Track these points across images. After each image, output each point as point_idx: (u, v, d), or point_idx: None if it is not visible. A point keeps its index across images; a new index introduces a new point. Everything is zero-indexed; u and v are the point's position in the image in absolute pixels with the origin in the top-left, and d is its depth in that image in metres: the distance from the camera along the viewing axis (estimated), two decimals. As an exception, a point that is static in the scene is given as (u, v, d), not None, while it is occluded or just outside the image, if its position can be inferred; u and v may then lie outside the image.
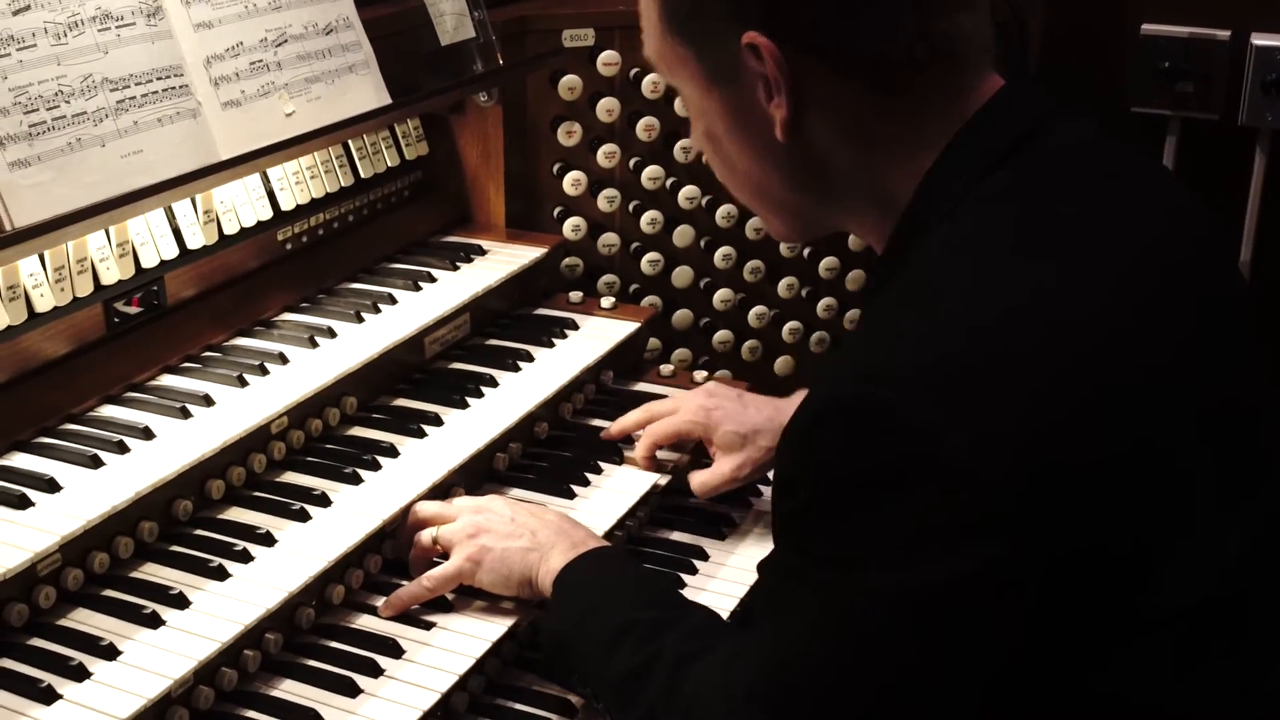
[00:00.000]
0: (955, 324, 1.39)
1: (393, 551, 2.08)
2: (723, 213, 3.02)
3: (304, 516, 2.02)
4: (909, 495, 1.34)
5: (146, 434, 2.02)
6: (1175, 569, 1.38)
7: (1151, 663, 1.40)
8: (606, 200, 2.95)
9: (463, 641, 1.94)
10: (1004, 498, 1.32)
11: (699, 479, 2.32)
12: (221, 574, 1.89)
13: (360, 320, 2.41)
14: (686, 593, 2.12)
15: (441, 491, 2.16)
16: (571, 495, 2.27)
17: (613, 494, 2.30)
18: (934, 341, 1.38)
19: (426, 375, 2.47)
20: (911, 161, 1.52)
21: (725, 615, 2.07)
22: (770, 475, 2.36)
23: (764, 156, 1.57)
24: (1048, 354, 1.37)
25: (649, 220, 2.97)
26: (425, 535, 2.05)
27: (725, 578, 2.24)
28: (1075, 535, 1.34)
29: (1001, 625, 1.36)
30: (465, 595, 2.03)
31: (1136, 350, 1.41)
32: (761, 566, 1.67)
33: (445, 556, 2.03)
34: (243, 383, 2.17)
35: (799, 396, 2.26)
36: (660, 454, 2.37)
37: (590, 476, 2.33)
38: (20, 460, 1.97)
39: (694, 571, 2.24)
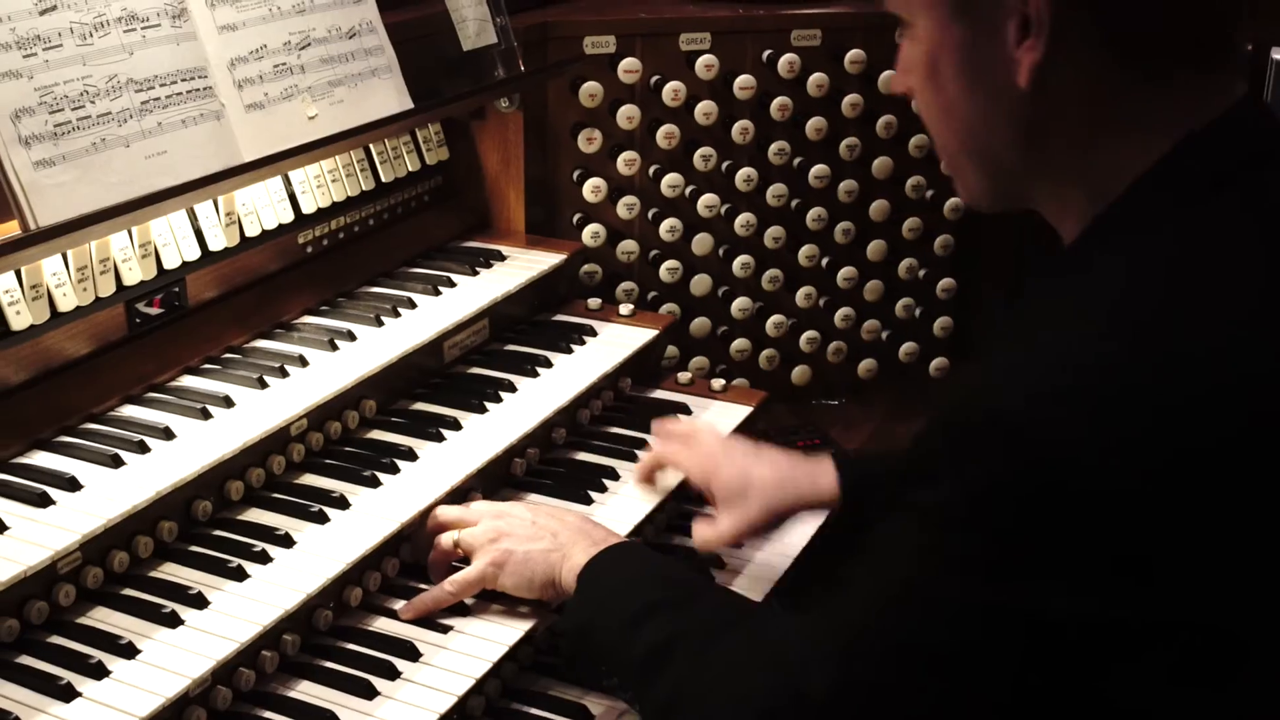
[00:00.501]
0: (1145, 355, 1.32)
1: (410, 555, 2.08)
2: (741, 221, 3.02)
3: (322, 518, 2.02)
4: (1058, 525, 1.29)
5: (167, 434, 2.02)
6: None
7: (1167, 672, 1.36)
8: (626, 207, 2.95)
9: (480, 645, 1.94)
10: (1151, 549, 1.28)
11: (701, 532, 2.18)
12: (240, 574, 1.89)
13: (380, 324, 2.41)
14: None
15: (459, 496, 2.16)
16: (589, 501, 2.27)
17: (630, 500, 2.29)
18: (1119, 371, 1.31)
19: (445, 380, 2.47)
20: (1138, 154, 1.42)
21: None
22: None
23: (993, 103, 1.46)
24: (1238, 403, 1.30)
25: (668, 228, 2.97)
26: (446, 538, 2.05)
27: (739, 586, 2.23)
28: (1202, 597, 1.31)
29: (1092, 652, 1.33)
30: (482, 599, 2.02)
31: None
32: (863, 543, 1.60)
33: (466, 561, 2.03)
34: (263, 384, 2.18)
35: (823, 461, 2.20)
36: (659, 479, 2.32)
37: (608, 483, 2.33)
38: (41, 459, 1.97)
39: (710, 579, 2.23)
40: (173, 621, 1.80)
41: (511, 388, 2.43)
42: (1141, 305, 1.35)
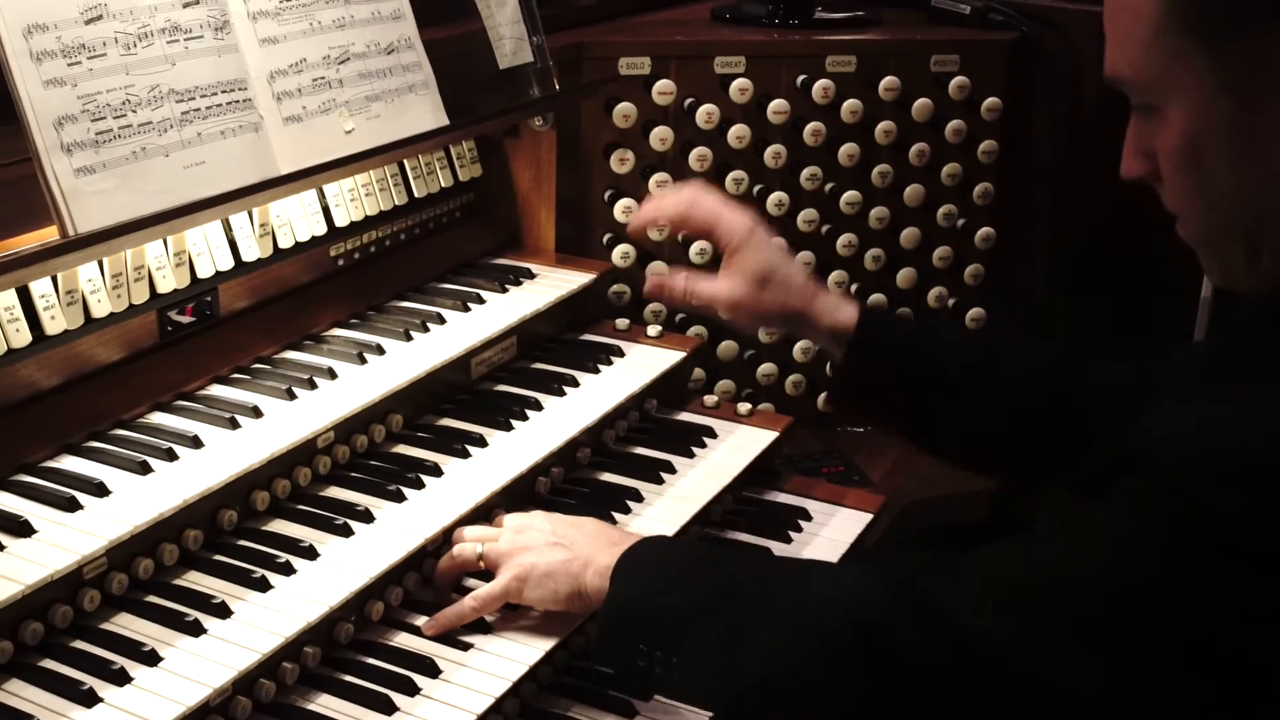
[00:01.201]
0: None
1: (433, 570, 2.08)
2: (771, 245, 3.02)
3: (347, 531, 2.03)
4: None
5: (195, 443, 2.03)
6: None
7: None
8: (657, 229, 2.95)
9: (500, 664, 1.94)
10: None
11: (690, 282, 2.19)
12: (264, 585, 1.90)
13: (409, 339, 2.42)
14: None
15: (483, 513, 2.16)
16: (612, 522, 2.27)
17: (653, 523, 2.29)
18: None
19: (472, 396, 2.48)
20: None
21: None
22: (807, 502, 2.32)
23: (1267, 178, 1.39)
24: None
25: (697, 250, 2.98)
26: (469, 550, 2.05)
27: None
28: None
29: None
30: (503, 617, 2.03)
31: None
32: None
33: (488, 575, 2.03)
34: (291, 396, 2.19)
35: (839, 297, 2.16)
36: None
37: (632, 504, 2.33)
38: (70, 463, 1.99)
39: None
40: (195, 630, 1.81)
41: (538, 406, 2.43)
42: None
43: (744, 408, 2.71)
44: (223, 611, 1.84)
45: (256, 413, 2.13)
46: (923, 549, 1.90)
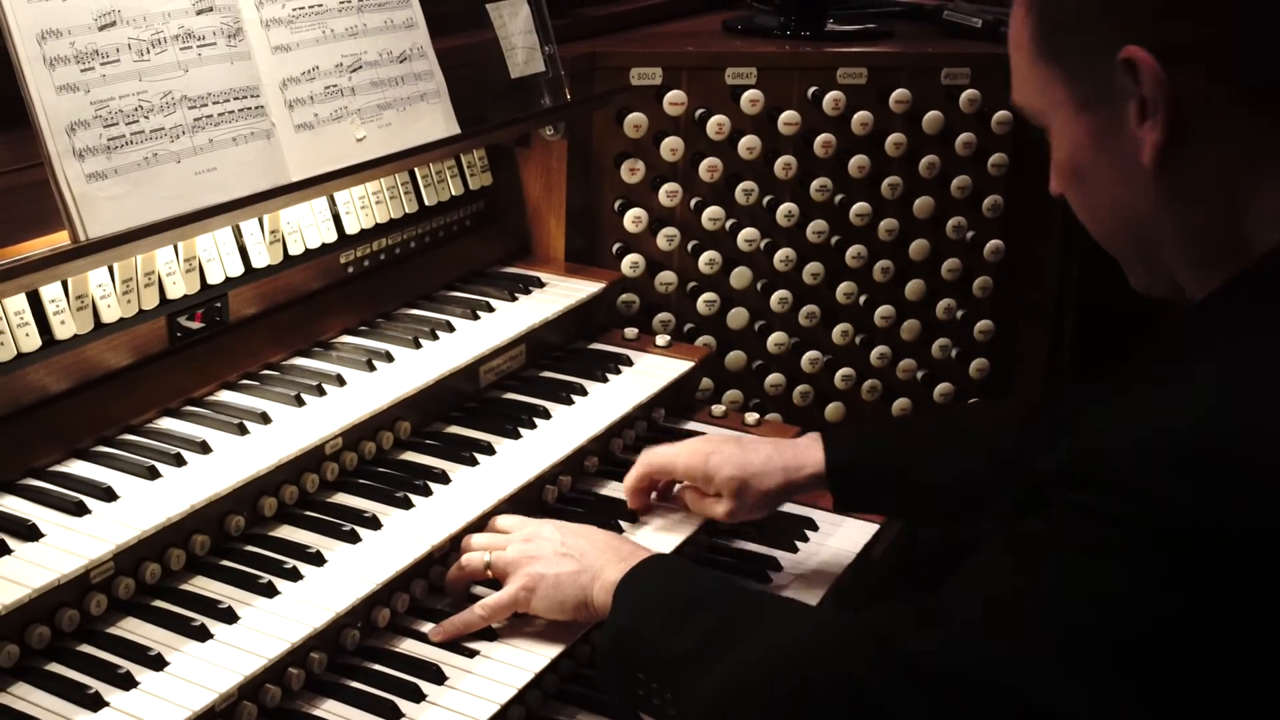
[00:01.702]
0: None
1: (440, 577, 2.09)
2: (780, 256, 3.03)
3: (354, 538, 2.03)
4: (1246, 556, 1.27)
5: (204, 448, 2.04)
6: None
7: None
8: (666, 239, 2.96)
9: (506, 671, 1.94)
10: None
11: (701, 504, 2.28)
12: (270, 591, 1.90)
13: (418, 346, 2.42)
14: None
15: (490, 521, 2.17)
16: (619, 531, 2.27)
17: (660, 532, 2.29)
18: None
19: (480, 404, 2.48)
20: None
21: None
22: (813, 511, 2.36)
23: (1133, 187, 1.45)
24: None
25: (707, 260, 2.98)
26: (476, 559, 2.05)
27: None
28: None
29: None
30: (509, 624, 2.03)
31: None
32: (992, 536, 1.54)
33: (496, 583, 2.03)
34: (300, 402, 2.19)
35: (804, 438, 2.26)
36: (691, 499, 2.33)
37: (639, 513, 2.33)
38: (78, 468, 1.99)
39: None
40: (202, 635, 1.81)
41: (546, 414, 2.43)
42: None
43: (751, 418, 2.71)
44: (229, 617, 1.85)
45: (265, 419, 2.13)
46: (895, 581, 1.94)
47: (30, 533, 1.82)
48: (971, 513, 2.13)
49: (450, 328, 2.51)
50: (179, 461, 2.00)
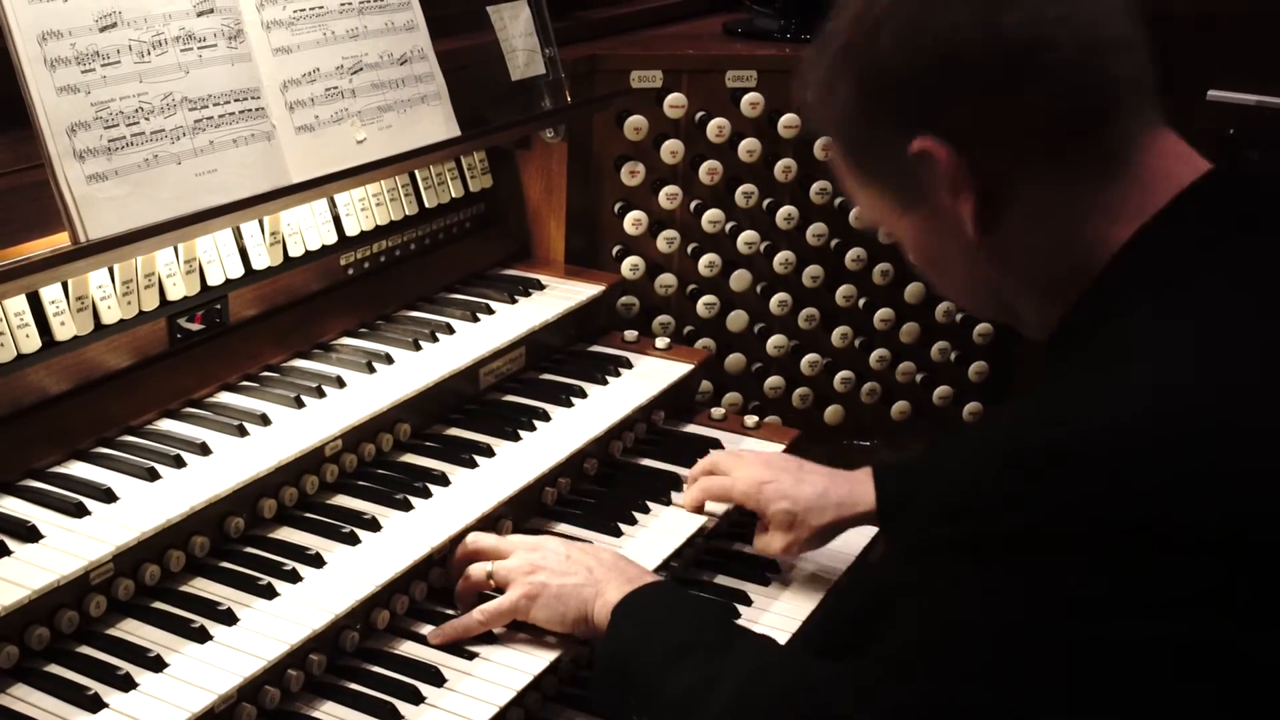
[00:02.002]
0: (1170, 389, 1.33)
1: (439, 579, 2.09)
2: (780, 259, 3.03)
3: (353, 540, 2.03)
4: (1108, 551, 1.28)
5: (203, 450, 2.04)
6: None
7: None
8: (666, 241, 2.96)
9: (505, 674, 1.94)
10: (1208, 565, 1.26)
11: (758, 543, 2.32)
12: (270, 592, 1.90)
13: (418, 348, 2.42)
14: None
15: (490, 523, 2.17)
16: (618, 533, 2.27)
17: (659, 534, 2.30)
18: (1148, 403, 1.32)
19: (480, 406, 2.48)
20: (1110, 226, 1.45)
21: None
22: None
23: (971, 259, 1.53)
24: (1260, 426, 1.30)
25: (707, 263, 2.98)
26: (478, 569, 2.05)
27: (768, 624, 2.22)
28: (1273, 596, 1.28)
29: (1187, 690, 1.30)
30: (509, 627, 2.02)
31: None
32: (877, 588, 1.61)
33: (498, 591, 2.03)
34: (299, 404, 2.19)
35: (860, 472, 2.28)
36: (709, 506, 2.36)
37: (638, 515, 2.33)
38: (79, 469, 1.99)
39: (737, 616, 2.22)
40: (201, 636, 1.81)
41: (546, 416, 2.44)
42: (1169, 347, 1.37)
43: (751, 420, 2.71)
44: (229, 618, 1.85)
45: (265, 420, 2.13)
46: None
47: (30, 534, 1.82)
48: None
49: (450, 330, 2.51)
50: (179, 463, 2.00)
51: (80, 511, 1.87)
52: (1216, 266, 1.40)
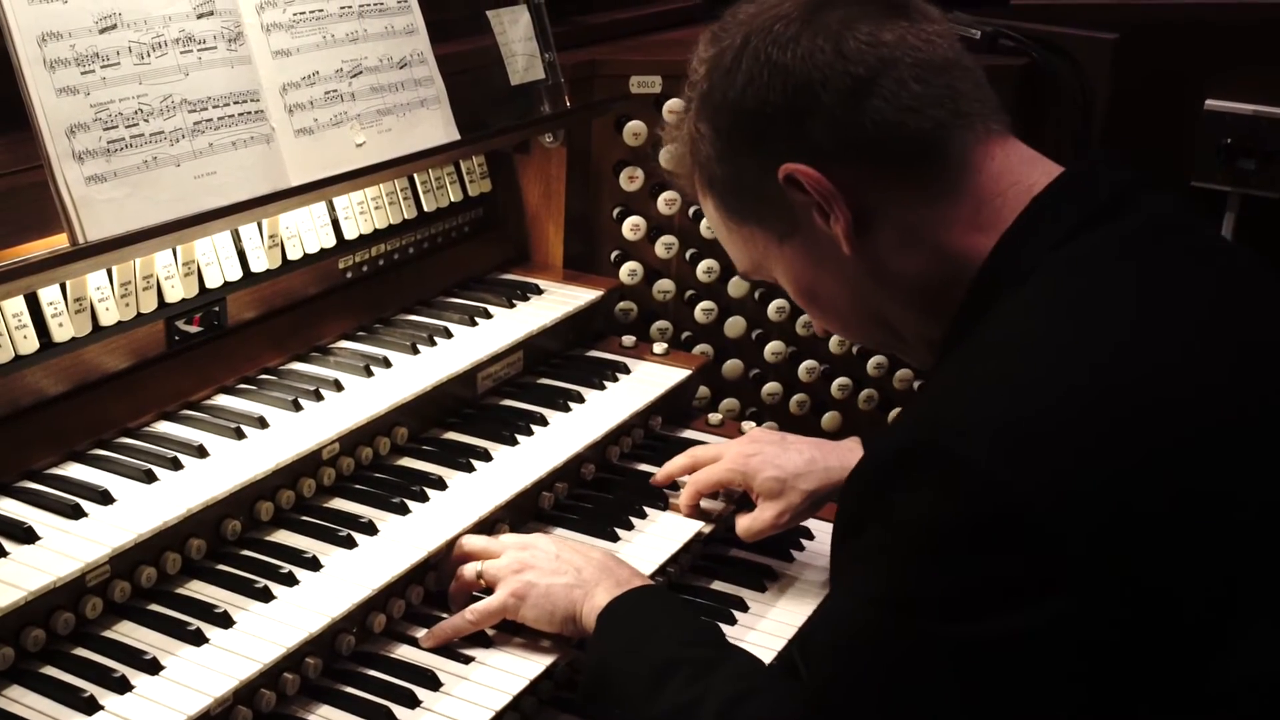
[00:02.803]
0: (1029, 381, 1.40)
1: (436, 583, 2.09)
2: (778, 265, 3.02)
3: (350, 543, 2.03)
4: (976, 547, 1.34)
5: (200, 452, 2.04)
6: (1249, 639, 1.35)
7: None
8: (664, 247, 2.96)
9: (501, 678, 1.94)
10: (1073, 553, 1.31)
11: (743, 523, 2.31)
12: (266, 595, 1.90)
13: (415, 352, 2.42)
14: (725, 643, 2.11)
15: (487, 527, 2.16)
16: (615, 538, 2.27)
17: (656, 539, 2.29)
18: (1007, 397, 1.39)
19: (477, 410, 2.48)
20: (976, 236, 1.54)
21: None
22: (810, 521, 2.39)
23: (853, 282, 1.61)
24: (1118, 410, 1.37)
25: (705, 269, 2.98)
26: (469, 569, 2.06)
27: (764, 629, 2.22)
28: (1145, 592, 1.33)
29: (1063, 687, 1.35)
30: (504, 631, 2.03)
31: (1209, 407, 1.40)
32: (816, 612, 1.66)
33: (488, 591, 2.03)
34: (297, 407, 2.19)
35: (847, 441, 2.29)
36: (704, 503, 2.37)
37: (635, 520, 2.33)
38: (76, 470, 1.99)
39: (733, 622, 2.22)
40: (197, 639, 1.81)
41: (543, 421, 2.43)
42: (1026, 344, 1.44)
43: (748, 426, 2.71)
44: (225, 621, 1.84)
45: (262, 423, 2.13)
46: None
47: (26, 535, 1.82)
48: None
49: (448, 334, 2.51)
50: (176, 465, 2.00)
51: (77, 513, 1.87)
52: (1066, 264, 1.49)
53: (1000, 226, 1.53)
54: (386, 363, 2.37)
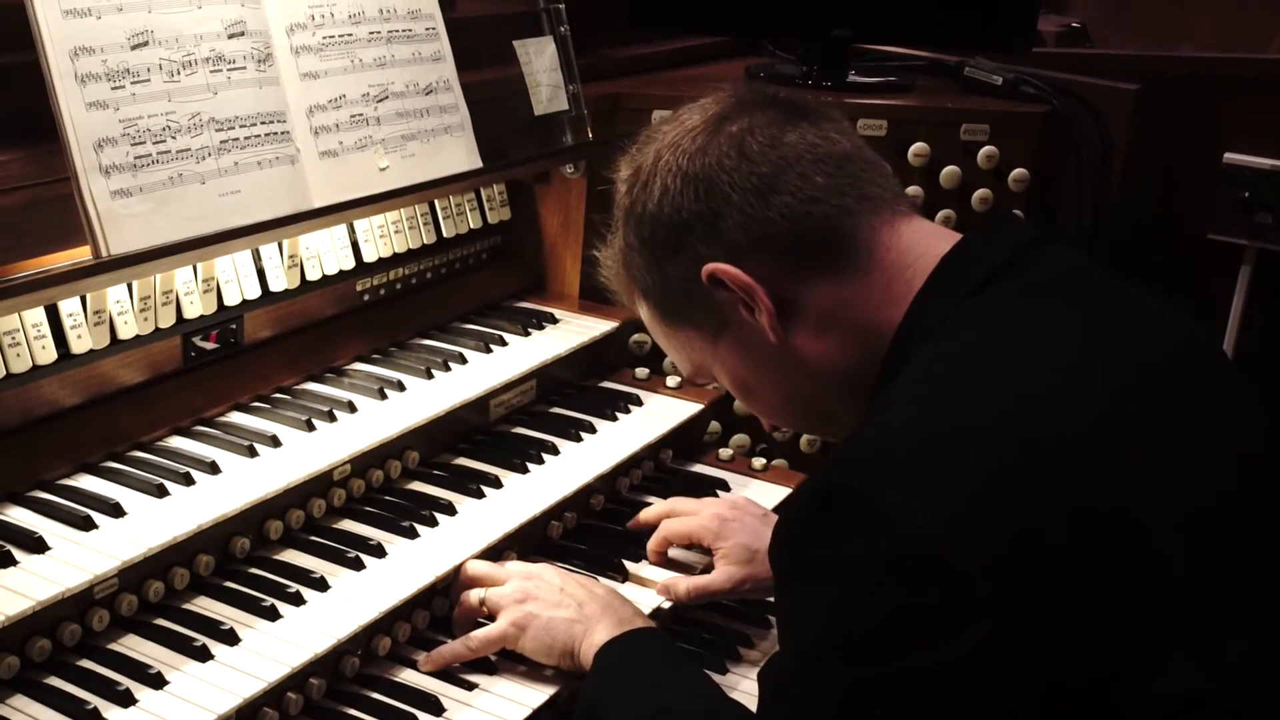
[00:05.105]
0: (926, 421, 1.45)
1: (442, 608, 2.08)
2: (794, 303, 3.03)
3: (358, 565, 2.03)
4: (889, 582, 1.37)
5: (213, 468, 2.04)
6: (1170, 659, 1.37)
7: None
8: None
9: (503, 705, 1.93)
10: (982, 581, 1.34)
11: (696, 580, 2.23)
12: (273, 614, 1.90)
13: (430, 376, 2.43)
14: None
15: (494, 554, 2.16)
16: (622, 569, 2.27)
17: (664, 572, 2.29)
18: (908, 438, 1.44)
19: (489, 437, 2.48)
20: (889, 309, 1.62)
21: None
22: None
23: (785, 371, 1.69)
24: (1024, 441, 1.41)
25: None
26: (473, 595, 2.06)
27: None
28: (1058, 616, 1.35)
29: (996, 715, 1.37)
30: (508, 659, 2.02)
31: (1099, 429, 1.45)
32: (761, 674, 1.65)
33: (491, 618, 2.03)
34: (310, 427, 2.20)
35: None
36: (673, 553, 2.33)
37: (643, 553, 2.32)
38: (88, 482, 2.00)
39: (724, 671, 2.19)
40: (203, 655, 1.81)
41: (554, 450, 2.44)
42: (932, 385, 1.51)
43: (758, 463, 2.71)
44: (230, 638, 1.84)
45: (275, 442, 2.14)
46: None
47: (37, 545, 1.82)
48: None
49: (463, 359, 2.52)
50: (188, 481, 2.00)
51: (88, 525, 1.88)
52: (967, 316, 1.57)
53: (910, 296, 1.61)
54: (400, 386, 2.37)
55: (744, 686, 2.14)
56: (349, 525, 2.15)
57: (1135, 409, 1.48)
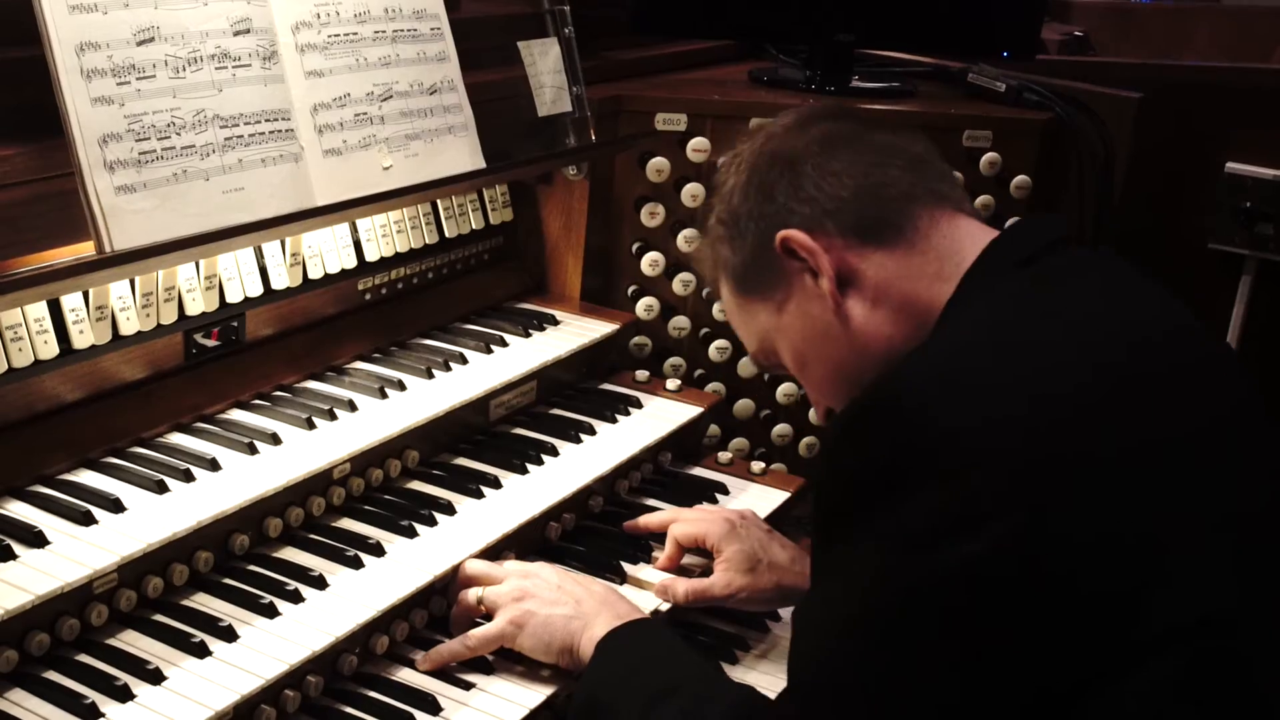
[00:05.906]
0: (966, 341, 1.62)
1: (441, 608, 2.09)
2: (795, 308, 3.03)
3: (357, 564, 2.03)
4: (918, 484, 1.48)
5: (213, 465, 2.04)
6: (1177, 582, 1.45)
7: (1152, 691, 1.43)
8: (682, 284, 2.97)
9: (501, 705, 1.93)
10: (1007, 481, 1.45)
11: (689, 584, 2.21)
12: (271, 611, 1.90)
13: (430, 376, 2.43)
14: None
15: (493, 555, 2.16)
16: (620, 571, 2.27)
17: (662, 575, 2.29)
18: (944, 354, 1.60)
19: (489, 437, 2.48)
20: (940, 285, 1.74)
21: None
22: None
23: (841, 344, 1.80)
24: (1053, 357, 1.55)
25: (719, 309, 2.99)
26: (471, 594, 2.06)
27: (765, 671, 2.21)
28: (1078, 523, 1.44)
29: (1014, 610, 1.45)
30: (506, 659, 2.02)
31: (1137, 374, 1.57)
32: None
33: (488, 617, 2.03)
34: (310, 425, 2.20)
35: None
36: (687, 560, 2.33)
37: (640, 555, 2.33)
38: (88, 478, 2.00)
39: (734, 661, 2.21)
40: (201, 652, 1.81)
41: (554, 451, 2.44)
42: (964, 324, 1.67)
43: (757, 466, 2.71)
44: (229, 635, 1.85)
45: (275, 440, 2.14)
46: None
47: (36, 539, 1.82)
48: None
49: (463, 360, 2.52)
50: (188, 477, 2.01)
51: (88, 520, 1.88)
52: (1005, 290, 1.70)
53: (957, 276, 1.74)
54: (401, 385, 2.38)
55: (750, 678, 2.14)
56: (348, 524, 2.15)
57: (1162, 352, 1.62)
